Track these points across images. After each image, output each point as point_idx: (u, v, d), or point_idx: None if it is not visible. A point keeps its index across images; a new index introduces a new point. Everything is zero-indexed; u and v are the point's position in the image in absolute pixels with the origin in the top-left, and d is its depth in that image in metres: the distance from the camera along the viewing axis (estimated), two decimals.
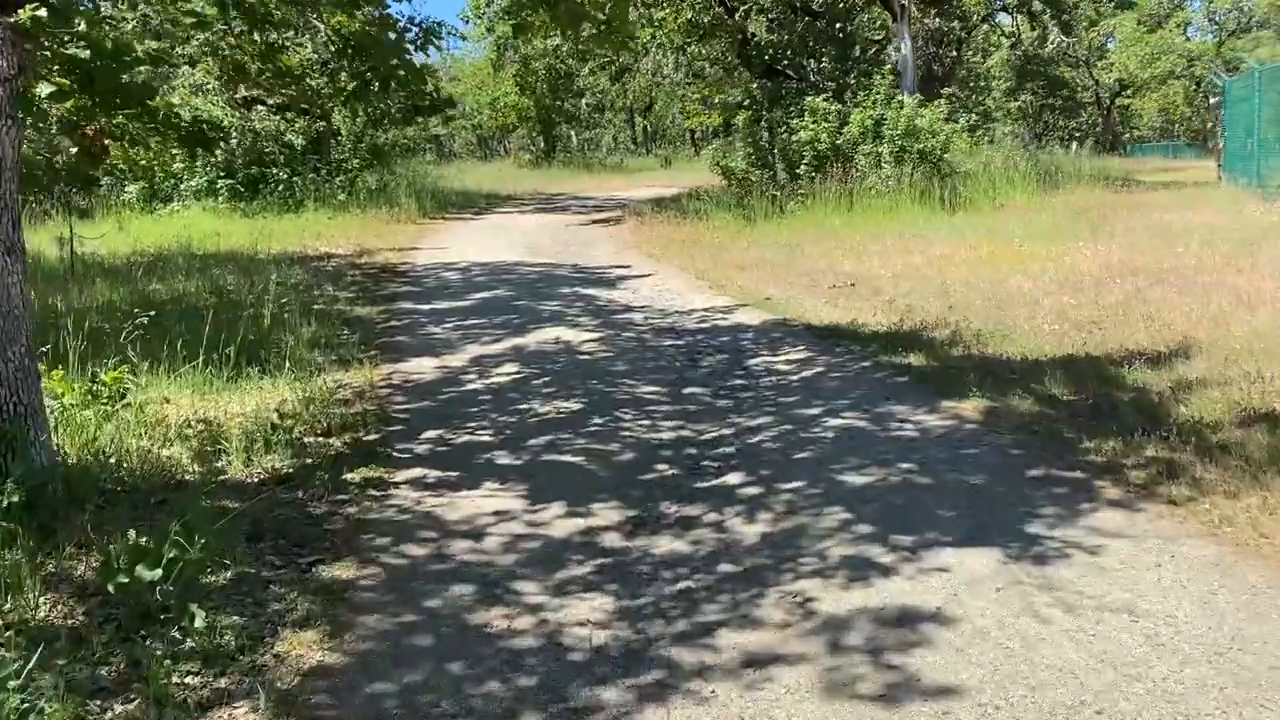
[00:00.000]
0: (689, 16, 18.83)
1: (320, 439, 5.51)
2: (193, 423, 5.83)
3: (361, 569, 3.83)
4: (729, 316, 8.93)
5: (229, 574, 3.75)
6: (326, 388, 6.50)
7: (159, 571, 3.13)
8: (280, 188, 18.79)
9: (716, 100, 28.44)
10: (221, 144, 5.51)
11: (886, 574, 3.56)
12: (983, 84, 38.32)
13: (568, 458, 5.15)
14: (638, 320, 8.96)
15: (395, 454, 5.26)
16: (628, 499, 4.50)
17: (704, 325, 8.60)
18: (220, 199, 18.40)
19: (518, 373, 7.10)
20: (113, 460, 4.86)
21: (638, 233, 16.27)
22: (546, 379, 6.89)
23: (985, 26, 29.42)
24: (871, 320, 8.28)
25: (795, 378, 6.60)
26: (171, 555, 3.19)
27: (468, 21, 23.67)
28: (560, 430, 5.62)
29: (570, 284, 11.20)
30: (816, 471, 4.71)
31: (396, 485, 4.77)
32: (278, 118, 19.67)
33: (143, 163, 19.56)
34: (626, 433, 5.56)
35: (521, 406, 6.16)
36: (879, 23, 24.70)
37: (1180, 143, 53.91)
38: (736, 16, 19.36)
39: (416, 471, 4.96)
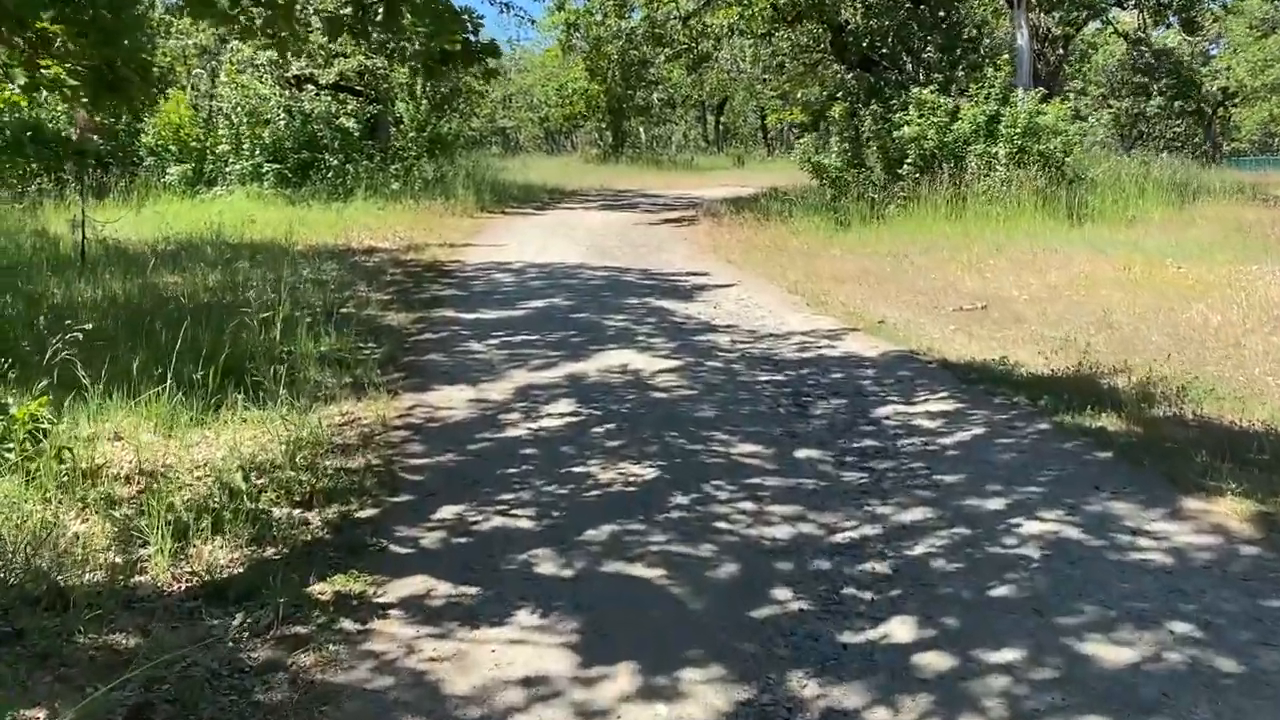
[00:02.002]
0: None
1: (295, 512, 3.95)
2: (134, 477, 4.33)
3: None
4: (837, 344, 7.18)
5: None
6: (325, 427, 4.96)
7: None
8: (330, 175, 17.44)
9: (799, 96, 26.55)
10: (139, 94, 3.96)
11: None
12: (1080, 87, 35.75)
13: (639, 569, 3.50)
14: (723, 344, 7.27)
15: (393, 547, 3.67)
16: (734, 661, 2.84)
17: (807, 355, 6.88)
18: (266, 184, 17.11)
19: (574, 414, 5.47)
20: None
21: (714, 235, 14.55)
22: (611, 425, 5.24)
23: (1094, 24, 27.05)
24: (1027, 358, 6.49)
25: (949, 442, 4.86)
26: None
27: None
28: (629, 515, 3.97)
29: (640, 294, 9.54)
30: (1035, 628, 2.98)
31: (383, 610, 3.17)
32: (329, 99, 18.30)
33: (193, 144, 18.56)
34: (723, 524, 3.89)
35: (576, 469, 4.53)
36: (980, 16, 22.68)
37: None
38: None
39: (417, 583, 3.36)
